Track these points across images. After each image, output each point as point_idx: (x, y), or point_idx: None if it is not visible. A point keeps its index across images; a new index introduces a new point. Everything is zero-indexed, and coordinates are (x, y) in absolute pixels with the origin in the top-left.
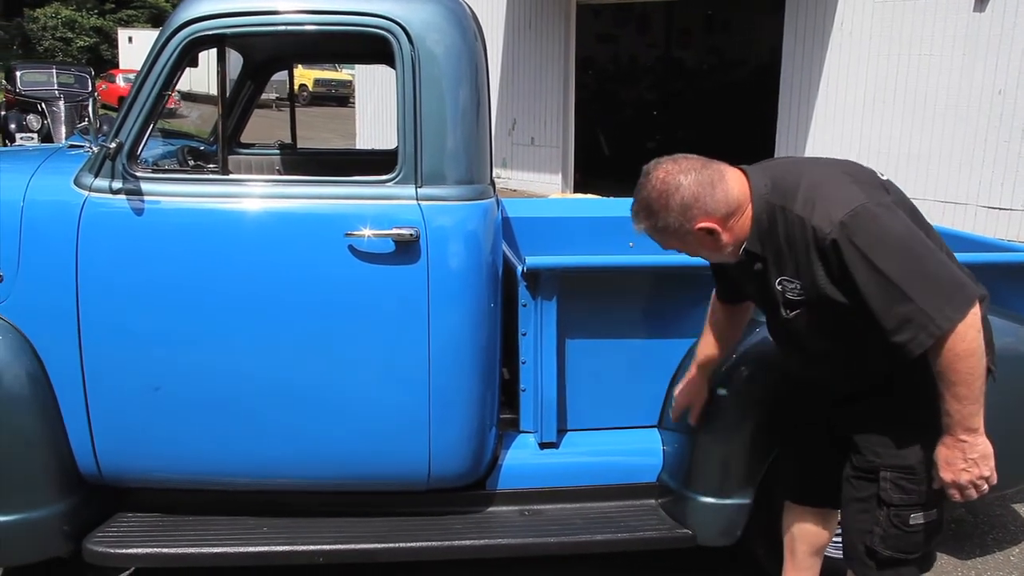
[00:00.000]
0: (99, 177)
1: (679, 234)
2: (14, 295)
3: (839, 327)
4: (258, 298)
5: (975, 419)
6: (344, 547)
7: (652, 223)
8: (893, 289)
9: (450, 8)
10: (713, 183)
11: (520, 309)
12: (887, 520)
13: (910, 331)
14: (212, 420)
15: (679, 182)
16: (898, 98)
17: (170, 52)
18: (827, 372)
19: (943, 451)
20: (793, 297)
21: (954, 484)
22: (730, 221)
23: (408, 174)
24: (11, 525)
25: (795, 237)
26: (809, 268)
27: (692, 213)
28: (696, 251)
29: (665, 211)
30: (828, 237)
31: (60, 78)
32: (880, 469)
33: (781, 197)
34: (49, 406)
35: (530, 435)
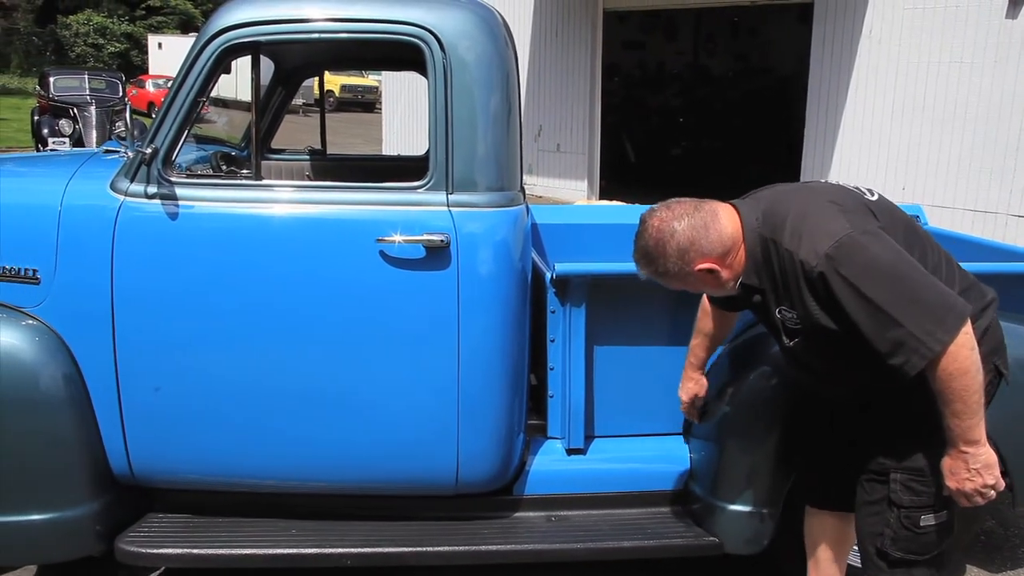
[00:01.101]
0: (135, 182)
1: (680, 276)
2: (51, 298)
3: (839, 352)
4: (290, 302)
5: (974, 431)
6: (372, 550)
7: (653, 269)
8: (882, 316)
9: (482, 16)
10: (707, 225)
11: (548, 315)
12: (897, 522)
13: (903, 355)
14: (243, 423)
15: (673, 228)
16: (927, 105)
17: (205, 59)
18: (837, 389)
19: (948, 462)
20: (792, 326)
21: (959, 493)
22: (728, 259)
23: (439, 180)
24: (45, 524)
25: (787, 269)
26: (801, 299)
27: (690, 256)
28: (700, 289)
29: (664, 257)
30: (815, 270)
31: (91, 84)
32: (890, 471)
33: (771, 230)
34: (83, 407)
35: (557, 441)
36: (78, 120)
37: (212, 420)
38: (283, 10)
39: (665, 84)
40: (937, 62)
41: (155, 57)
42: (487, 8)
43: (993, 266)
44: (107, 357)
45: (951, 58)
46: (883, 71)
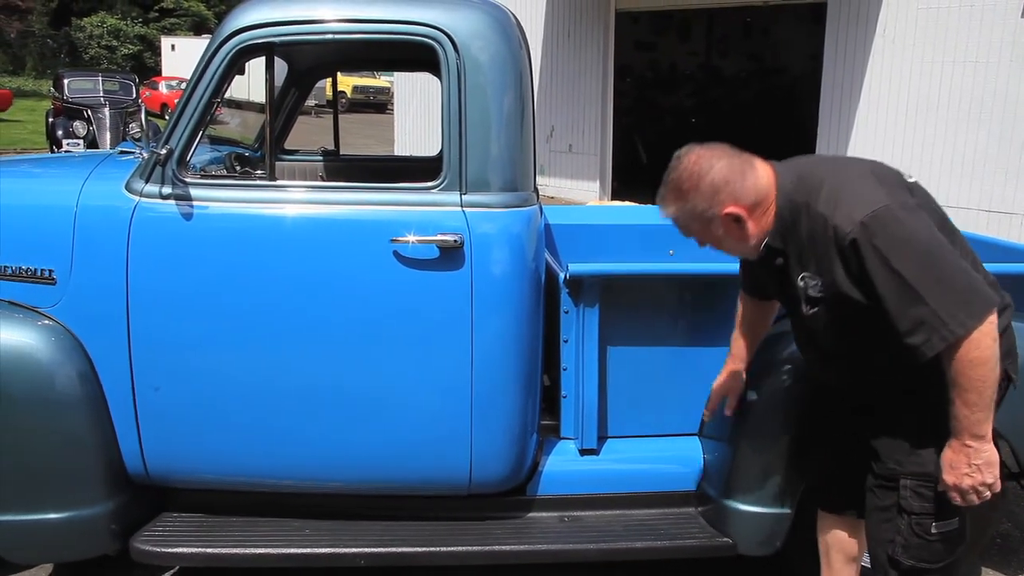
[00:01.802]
0: (150, 183)
1: (704, 219)
2: (67, 298)
3: (857, 326)
4: (303, 303)
5: (983, 426)
6: (385, 550)
7: (680, 205)
8: (909, 291)
9: (495, 16)
10: (744, 171)
11: (562, 316)
12: (908, 529)
13: (923, 334)
14: (256, 423)
15: (711, 165)
16: (942, 105)
17: (220, 60)
18: (843, 372)
19: (948, 454)
20: (814, 294)
21: (955, 488)
22: (757, 211)
23: (453, 181)
24: (61, 523)
25: (817, 235)
26: (829, 266)
27: (721, 197)
28: (719, 241)
29: (695, 192)
30: (848, 237)
31: (105, 85)
32: (900, 477)
33: (805, 194)
34: (99, 407)
35: (571, 441)
36: (92, 122)
37: (226, 420)
38: (297, 11)
39: (677, 85)
40: (951, 62)
41: (168, 59)
42: (500, 9)
43: (1008, 267)
44: (122, 357)
45: (965, 58)
46: (897, 71)
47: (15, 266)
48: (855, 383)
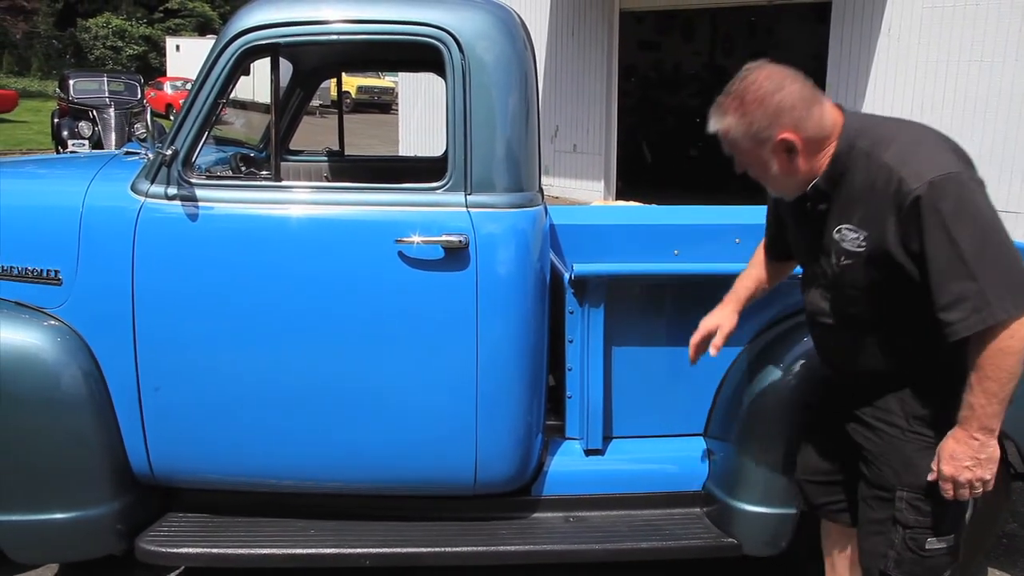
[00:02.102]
0: (155, 183)
1: (758, 139)
2: (72, 298)
3: (884, 290)
4: (309, 303)
5: (995, 420)
6: (390, 551)
7: (738, 118)
8: (960, 264)
9: (500, 16)
10: (812, 103)
11: (567, 316)
12: (902, 543)
13: (963, 310)
14: (262, 423)
15: (782, 85)
16: (947, 104)
17: (225, 61)
18: (849, 347)
19: (951, 444)
20: (850, 247)
21: (951, 479)
22: (812, 148)
23: (458, 181)
24: (67, 523)
25: (876, 185)
26: (880, 219)
27: (783, 120)
28: (764, 167)
29: (758, 107)
30: (913, 192)
31: (110, 86)
32: (896, 488)
33: (871, 144)
34: (104, 407)
35: (576, 442)
36: (97, 122)
37: (232, 420)
38: (302, 12)
39: (682, 84)
40: (956, 60)
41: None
42: (505, 9)
43: None
44: (128, 357)
45: (971, 56)
46: (902, 70)
47: (21, 267)
48: (858, 363)
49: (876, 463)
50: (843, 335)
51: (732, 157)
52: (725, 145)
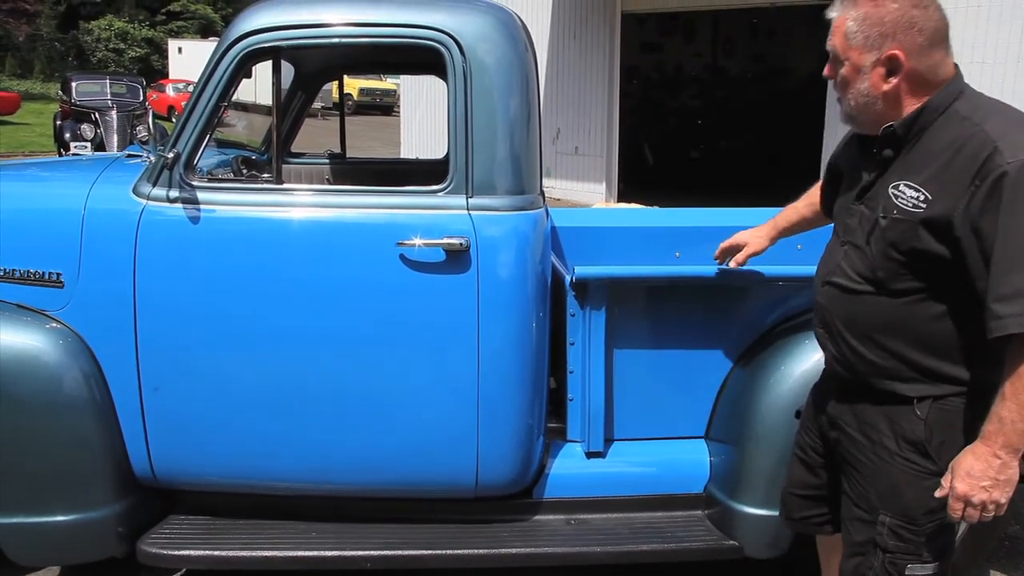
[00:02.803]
0: (157, 186)
1: (872, 43)
2: (74, 301)
3: (923, 263)
4: (310, 305)
5: (1021, 439)
6: (392, 553)
7: (867, 8)
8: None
9: (501, 19)
10: (941, 43)
11: (568, 319)
12: (881, 566)
13: (1018, 306)
14: (264, 425)
15: (929, 7)
16: None
17: (227, 64)
18: (854, 313)
19: (969, 460)
20: (905, 205)
21: (963, 498)
22: (912, 82)
23: (459, 184)
24: (69, 525)
25: (964, 149)
26: (955, 185)
27: (905, 36)
28: (854, 77)
29: (895, 9)
30: (1005, 165)
31: (113, 88)
32: (879, 512)
33: (971, 110)
34: (106, 409)
35: (577, 444)
36: (99, 124)
37: (233, 423)
38: (304, 15)
39: (683, 86)
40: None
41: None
42: (506, 11)
43: None
44: (130, 360)
45: (972, 58)
46: None
47: (23, 269)
48: (857, 337)
49: (861, 483)
50: (855, 300)
51: (828, 56)
52: (833, 38)
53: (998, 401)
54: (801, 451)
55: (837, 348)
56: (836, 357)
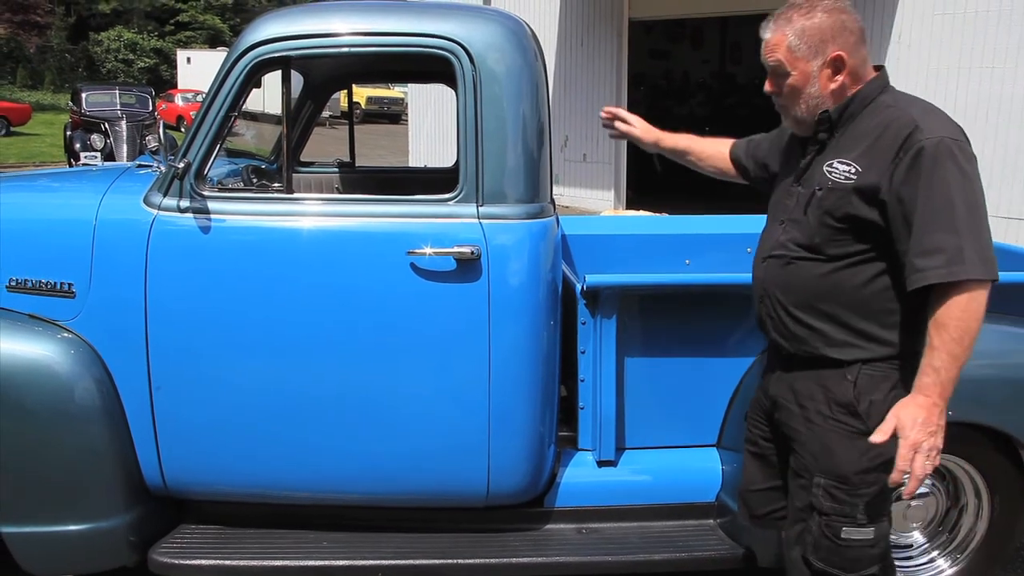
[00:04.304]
0: (168, 196)
1: (816, 49)
2: (86, 311)
3: (854, 227)
4: (321, 315)
5: (951, 387)
6: (403, 562)
7: (805, 23)
8: (948, 217)
9: (510, 28)
10: (863, 43)
11: (579, 327)
12: (819, 528)
13: (938, 259)
14: (274, 435)
15: (849, 11)
16: (958, 111)
17: (237, 74)
18: (793, 279)
19: (913, 410)
20: (838, 178)
21: (915, 447)
22: (848, 78)
23: (469, 192)
24: (81, 534)
25: (890, 128)
26: (881, 156)
27: (844, 38)
28: (803, 84)
29: (828, 18)
30: (923, 140)
31: (122, 98)
32: (815, 475)
33: (893, 100)
34: (118, 419)
35: (588, 453)
36: (109, 135)
37: (244, 432)
38: (313, 25)
39: (691, 93)
40: (968, 68)
41: (184, 71)
42: (516, 20)
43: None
44: (141, 369)
45: (982, 63)
46: (913, 77)
47: (35, 279)
48: (795, 303)
49: (800, 452)
50: (792, 267)
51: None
52: (774, 55)
53: (928, 353)
54: (752, 445)
55: (775, 317)
56: (774, 326)
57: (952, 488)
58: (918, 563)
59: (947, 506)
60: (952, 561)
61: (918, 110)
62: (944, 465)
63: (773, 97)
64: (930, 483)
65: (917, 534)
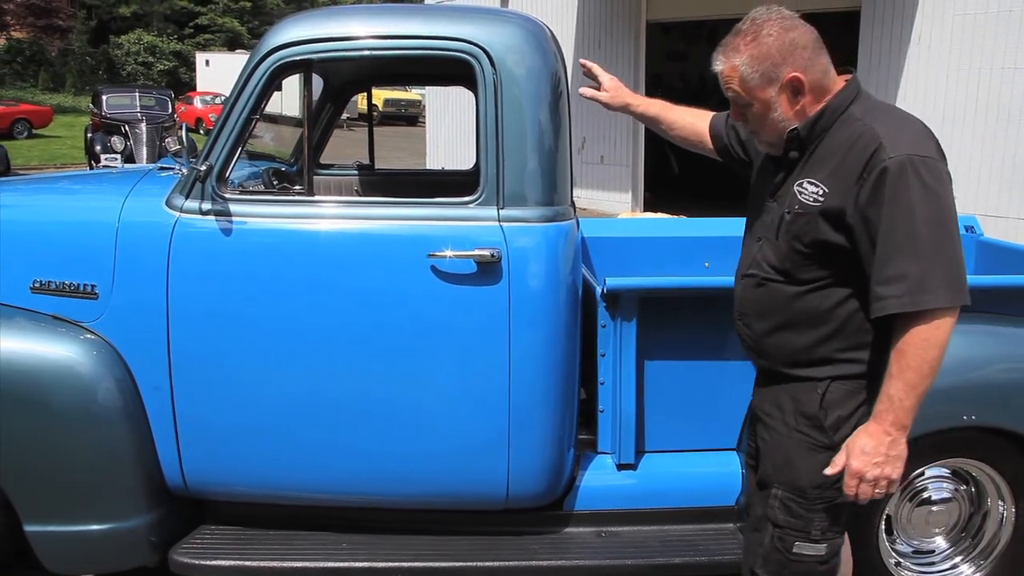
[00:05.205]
0: (190, 199)
1: (767, 76)
2: (108, 312)
3: (822, 251)
4: (342, 317)
5: (910, 416)
6: (423, 564)
7: (750, 53)
8: (910, 241)
9: (531, 31)
10: (820, 49)
11: (599, 330)
12: (771, 541)
13: (898, 288)
14: (295, 436)
15: (796, 25)
16: (979, 113)
17: (259, 77)
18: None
19: (862, 438)
20: (806, 200)
21: (858, 475)
22: (812, 95)
23: (490, 195)
24: (102, 534)
25: (857, 145)
26: (847, 177)
27: (795, 59)
28: (765, 111)
29: (773, 42)
30: (887, 159)
31: (142, 101)
32: (772, 485)
33: (863, 111)
34: (139, 420)
35: (608, 456)
36: (129, 137)
37: (265, 433)
38: (335, 28)
39: (709, 94)
40: (989, 68)
41: (203, 74)
42: (536, 23)
43: None
44: (162, 371)
45: (1004, 64)
46: (933, 78)
47: (59, 281)
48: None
49: (763, 460)
50: (766, 289)
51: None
52: (729, 87)
53: (886, 380)
54: (751, 459)
55: (752, 335)
56: (750, 344)
57: (975, 493)
58: (940, 569)
59: (970, 511)
60: (976, 567)
61: (886, 125)
62: (966, 470)
63: (742, 123)
64: (952, 488)
65: (940, 539)
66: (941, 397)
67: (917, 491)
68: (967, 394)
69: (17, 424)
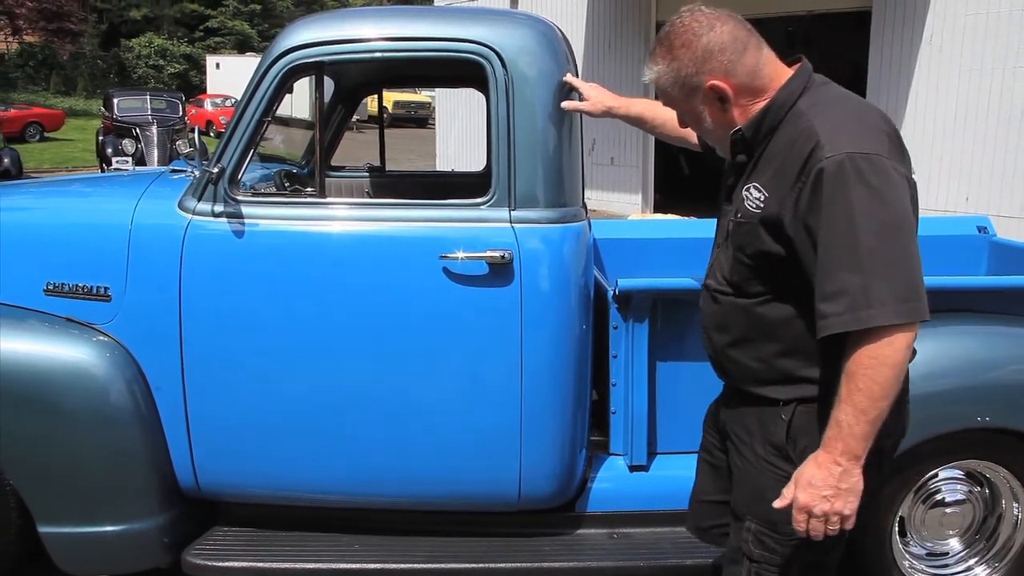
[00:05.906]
0: (202, 201)
1: (688, 87)
2: (121, 314)
3: (767, 264)
4: (354, 319)
5: (862, 445)
6: (435, 566)
7: (666, 65)
8: (850, 252)
9: (542, 32)
10: (746, 47)
11: (611, 331)
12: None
13: (839, 305)
14: (308, 437)
15: (711, 26)
16: (991, 113)
17: (271, 80)
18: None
19: (810, 468)
20: (750, 207)
21: (805, 509)
22: (745, 96)
23: (501, 197)
24: (116, 535)
25: (796, 145)
26: (785, 182)
27: (711, 65)
28: (698, 119)
29: (686, 52)
30: (823, 159)
31: (153, 104)
32: (746, 517)
33: (811, 105)
34: (152, 421)
35: (620, 458)
36: (140, 139)
37: (277, 435)
38: (346, 30)
39: None
40: (1001, 68)
41: (213, 76)
42: (547, 24)
43: None
44: (175, 372)
45: (1016, 63)
46: (944, 78)
47: (72, 283)
48: (727, 338)
49: (736, 486)
50: (719, 303)
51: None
52: (660, 97)
53: (836, 404)
54: (707, 453)
55: (712, 350)
56: (711, 359)
57: (990, 495)
58: (954, 571)
59: (984, 513)
60: (991, 569)
61: (830, 120)
62: (980, 471)
63: None
64: (966, 490)
65: (954, 541)
66: (955, 398)
67: (931, 493)
68: (981, 395)
69: (31, 426)
